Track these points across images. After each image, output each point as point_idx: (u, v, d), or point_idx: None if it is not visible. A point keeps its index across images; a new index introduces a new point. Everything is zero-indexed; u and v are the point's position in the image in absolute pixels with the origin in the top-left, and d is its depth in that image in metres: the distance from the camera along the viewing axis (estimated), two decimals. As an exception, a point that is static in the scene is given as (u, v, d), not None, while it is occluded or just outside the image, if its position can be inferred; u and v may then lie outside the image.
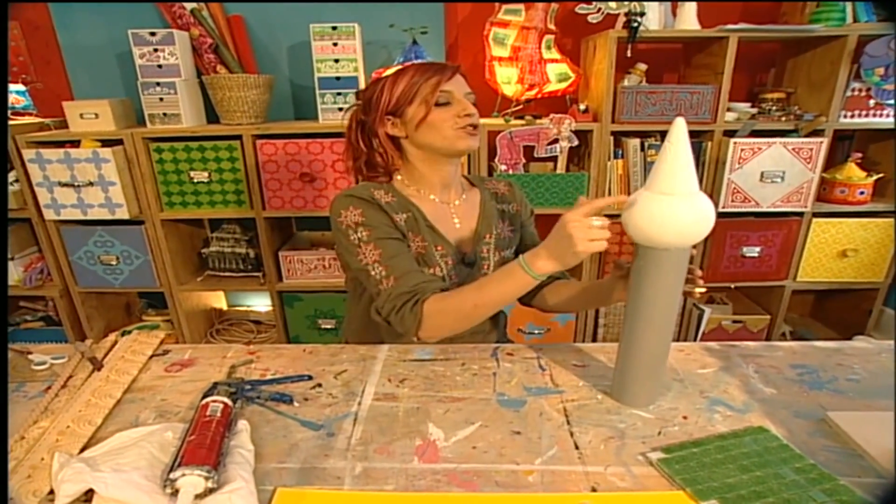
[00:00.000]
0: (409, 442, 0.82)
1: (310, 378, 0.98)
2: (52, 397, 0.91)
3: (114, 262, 2.18)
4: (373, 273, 1.02)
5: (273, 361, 1.05)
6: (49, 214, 2.08)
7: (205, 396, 0.83)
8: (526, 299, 1.22)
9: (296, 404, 0.91)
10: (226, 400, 0.81)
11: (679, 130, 0.78)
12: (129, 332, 1.14)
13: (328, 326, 2.30)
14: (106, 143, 2.03)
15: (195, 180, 2.09)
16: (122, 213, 2.06)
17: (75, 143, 2.03)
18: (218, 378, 0.98)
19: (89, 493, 0.67)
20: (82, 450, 0.78)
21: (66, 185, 2.01)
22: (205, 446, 0.70)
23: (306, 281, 2.27)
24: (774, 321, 2.42)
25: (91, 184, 2.00)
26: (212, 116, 2.24)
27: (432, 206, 1.15)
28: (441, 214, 1.15)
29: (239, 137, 2.05)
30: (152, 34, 2.03)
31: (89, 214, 2.07)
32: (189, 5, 2.16)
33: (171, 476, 0.65)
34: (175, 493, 0.65)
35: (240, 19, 2.26)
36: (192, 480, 0.65)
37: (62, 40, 2.30)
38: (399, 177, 1.16)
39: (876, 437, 0.80)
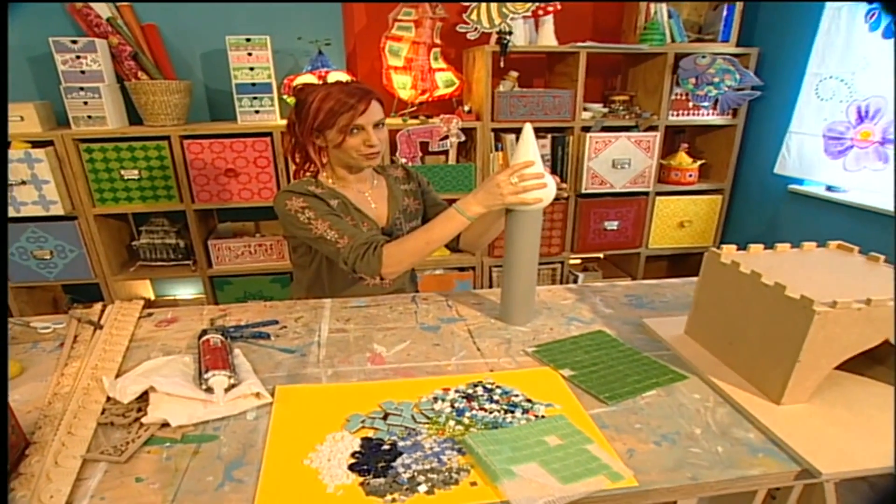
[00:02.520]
0: (362, 355, 1.16)
1: (276, 322, 1.29)
2: (69, 349, 1.16)
3: (48, 257, 2.29)
4: (328, 237, 1.32)
5: (243, 314, 1.34)
6: (-22, 214, 2.16)
7: (200, 338, 1.12)
8: (454, 245, 1.53)
9: (272, 339, 1.21)
10: (220, 336, 1.10)
11: (527, 132, 1.18)
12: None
13: (256, 306, 2.54)
14: (35, 143, 2.15)
15: (126, 178, 2.26)
16: (57, 210, 2.19)
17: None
18: (202, 328, 1.25)
19: (142, 397, 0.94)
20: (116, 377, 1.04)
21: (-4, 184, 2.11)
22: (220, 359, 1.00)
23: (234, 266, 2.50)
24: (635, 282, 2.95)
25: (24, 182, 2.12)
26: (134, 118, 2.40)
27: (353, 194, 1.46)
28: (361, 200, 1.47)
29: (167, 138, 2.25)
30: (74, 42, 2.17)
31: (22, 212, 2.18)
32: (105, 14, 2.31)
33: (205, 376, 0.95)
34: (209, 389, 0.95)
35: (154, 28, 2.43)
36: (220, 380, 0.95)
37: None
38: (324, 174, 1.47)
39: (669, 330, 1.25)
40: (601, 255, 3.09)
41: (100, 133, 2.24)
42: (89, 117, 2.23)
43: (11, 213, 2.18)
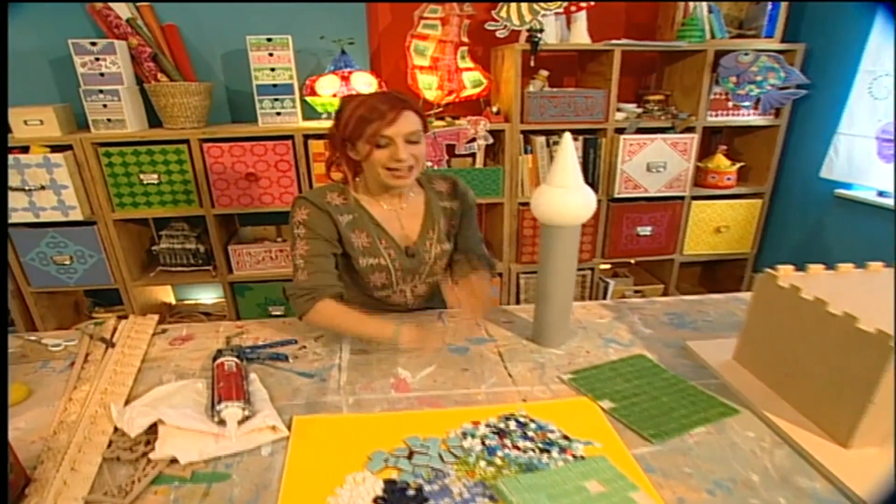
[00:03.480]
0: (386, 381, 1.09)
1: (295, 342, 1.23)
2: (79, 369, 1.10)
3: (67, 262, 2.27)
4: (296, 262, 1.25)
5: (260, 332, 1.28)
6: (-1, 218, 2.14)
7: (214, 360, 1.06)
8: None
9: (290, 361, 1.15)
10: (235, 359, 1.04)
11: (567, 142, 1.09)
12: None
13: (278, 313, 2.50)
14: (54, 147, 2.12)
15: (145, 182, 2.22)
16: (76, 215, 2.16)
17: (22, 149, 2.10)
18: (217, 347, 1.20)
19: (150, 429, 0.88)
20: (126, 403, 0.99)
21: (16, 189, 2.09)
22: (234, 388, 0.94)
23: (255, 272, 2.45)
24: (668, 289, 2.83)
25: (43, 187, 2.09)
26: (154, 121, 2.36)
27: (380, 209, 1.34)
28: (388, 216, 1.34)
29: (186, 141, 2.20)
30: (93, 44, 2.13)
31: (42, 217, 2.15)
32: (124, 14, 2.27)
33: (218, 408, 0.89)
34: (221, 422, 0.89)
35: (174, 28, 2.38)
36: (233, 411, 0.89)
37: (-10, 46, 2.33)
38: (358, 180, 1.34)
39: (715, 355, 1.16)
40: (631, 261, 2.98)
41: (118, 136, 2.20)
42: (108, 120, 2.19)
43: (30, 218, 2.16)
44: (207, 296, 2.86)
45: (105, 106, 2.17)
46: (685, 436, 0.92)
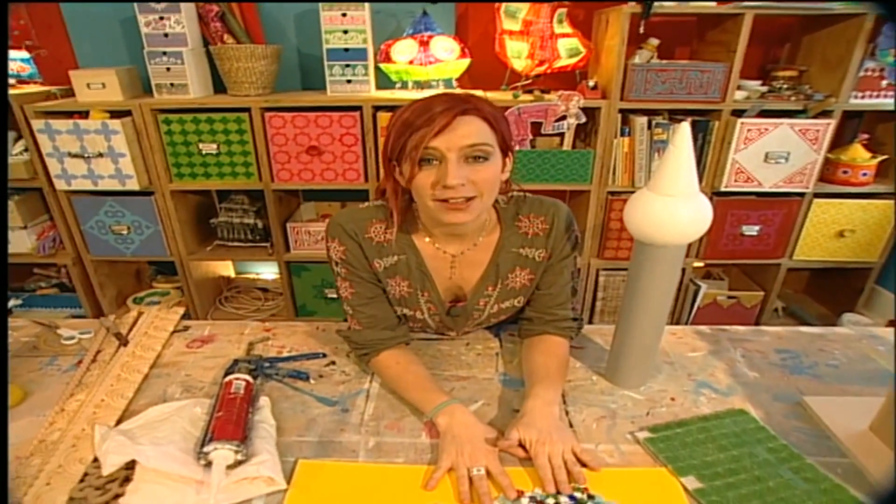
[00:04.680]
0: (418, 419, 0.88)
1: (324, 356, 1.05)
2: (83, 371, 0.97)
3: (125, 232, 2.21)
4: (345, 307, 1.02)
5: (288, 339, 1.11)
6: (60, 185, 2.10)
7: (227, 374, 0.89)
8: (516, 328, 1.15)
9: (312, 381, 0.97)
10: (247, 377, 0.87)
11: (683, 135, 0.81)
12: (142, 300, 1.18)
13: (334, 296, 2.35)
14: (114, 113, 2.03)
15: (204, 152, 2.09)
16: (133, 185, 2.07)
17: (83, 114, 2.03)
18: (237, 354, 1.05)
19: (130, 462, 0.74)
20: (118, 422, 0.85)
21: (76, 155, 2.01)
22: (232, 422, 0.76)
23: (313, 252, 2.30)
24: (768, 297, 2.45)
25: (101, 155, 2.01)
26: (219, 86, 2.22)
27: (432, 251, 1.02)
28: (439, 260, 1.03)
29: (247, 110, 2.05)
30: (157, 1, 1.99)
31: (100, 185, 2.08)
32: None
33: (205, 449, 0.72)
34: (208, 464, 0.72)
35: (245, -17, 2.22)
36: (223, 454, 0.72)
37: (63, 5, 2.26)
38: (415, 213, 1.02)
39: (844, 420, 0.87)
40: (729, 262, 2.61)
41: (175, 103, 2.07)
42: (171, 85, 2.06)
43: (89, 186, 2.09)
44: (269, 270, 2.77)
45: (168, 69, 2.04)
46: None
